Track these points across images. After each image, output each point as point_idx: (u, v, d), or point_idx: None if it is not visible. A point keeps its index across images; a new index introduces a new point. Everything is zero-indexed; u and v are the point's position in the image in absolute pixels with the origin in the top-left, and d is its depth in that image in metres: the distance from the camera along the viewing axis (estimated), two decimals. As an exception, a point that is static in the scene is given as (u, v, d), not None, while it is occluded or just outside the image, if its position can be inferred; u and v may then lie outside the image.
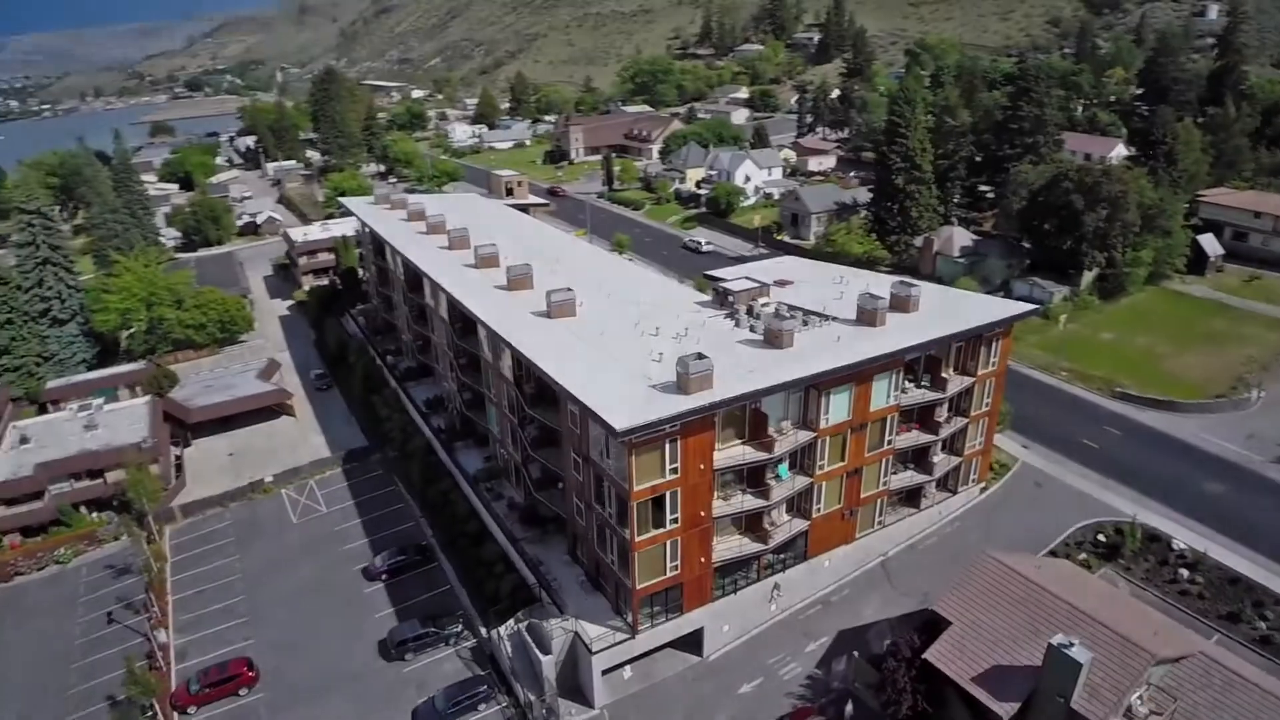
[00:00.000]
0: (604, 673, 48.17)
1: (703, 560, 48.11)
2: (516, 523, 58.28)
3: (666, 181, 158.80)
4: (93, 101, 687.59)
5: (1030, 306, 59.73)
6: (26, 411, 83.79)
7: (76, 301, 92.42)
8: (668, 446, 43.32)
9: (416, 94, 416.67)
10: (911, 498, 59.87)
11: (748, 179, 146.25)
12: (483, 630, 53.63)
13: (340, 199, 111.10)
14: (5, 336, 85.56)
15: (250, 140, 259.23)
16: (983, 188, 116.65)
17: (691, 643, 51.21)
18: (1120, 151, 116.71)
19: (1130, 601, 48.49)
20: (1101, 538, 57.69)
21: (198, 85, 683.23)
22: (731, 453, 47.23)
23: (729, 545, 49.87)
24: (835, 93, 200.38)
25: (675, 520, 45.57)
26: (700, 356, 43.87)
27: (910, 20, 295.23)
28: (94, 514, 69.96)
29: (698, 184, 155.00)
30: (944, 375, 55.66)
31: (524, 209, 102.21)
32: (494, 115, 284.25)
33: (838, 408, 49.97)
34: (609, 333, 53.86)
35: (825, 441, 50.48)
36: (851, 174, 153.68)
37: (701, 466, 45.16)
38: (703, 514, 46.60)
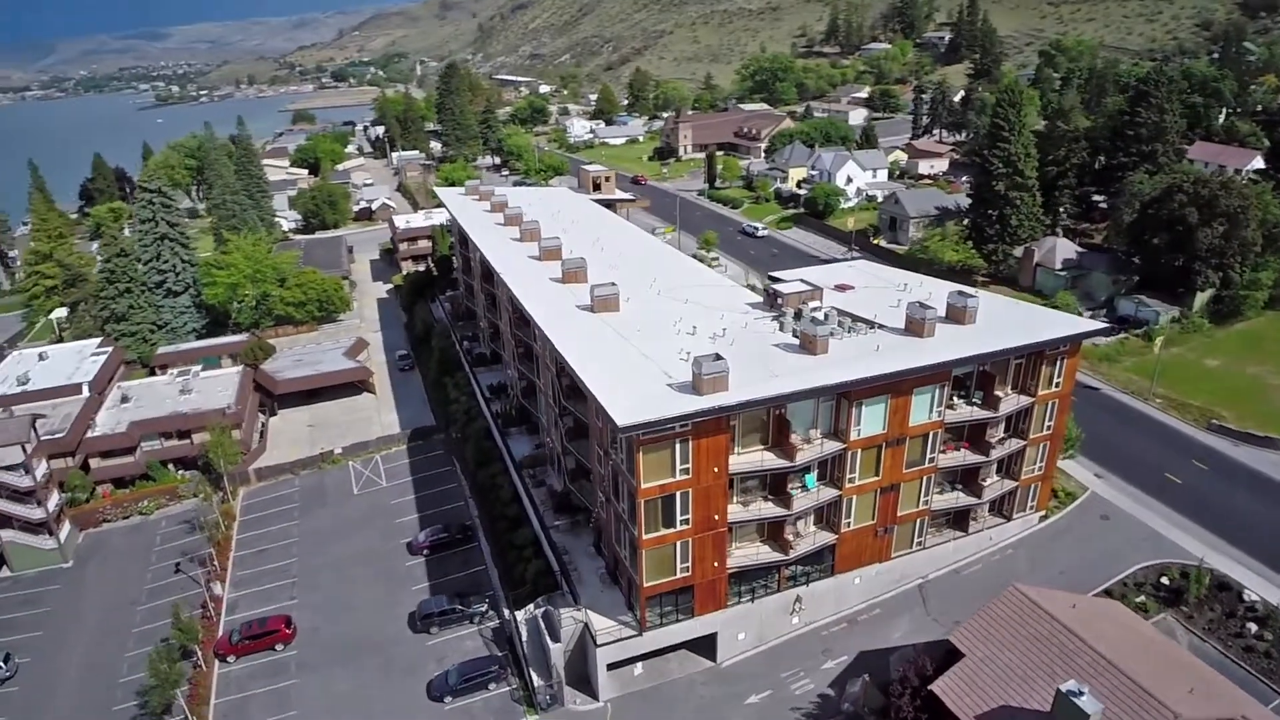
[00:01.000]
0: (610, 666, 48.25)
1: (716, 564, 47.30)
2: (550, 510, 59.10)
3: (767, 181, 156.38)
4: (246, 89, 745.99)
5: (1098, 325, 55.46)
6: (138, 373, 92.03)
7: (190, 275, 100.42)
8: (678, 446, 42.81)
9: (544, 89, 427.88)
10: (959, 520, 56.66)
11: (849, 180, 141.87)
12: (505, 612, 54.80)
13: (437, 188, 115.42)
14: (124, 304, 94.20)
15: (380, 130, 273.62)
16: (1096, 197, 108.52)
17: (706, 647, 50.53)
18: (1257, 164, 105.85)
19: (1178, 653, 44.04)
20: (1165, 580, 52.88)
21: (343, 76, 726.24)
22: (750, 458, 46.21)
23: (747, 552, 48.83)
24: (960, 94, 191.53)
25: (686, 521, 45.00)
26: (717, 358, 43.12)
27: (1049, 20, 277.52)
28: (180, 471, 75.94)
29: (798, 184, 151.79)
30: (997, 393, 52.28)
31: (610, 204, 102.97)
32: (613, 111, 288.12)
33: (871, 420, 47.89)
34: (646, 329, 53.64)
35: (857, 454, 48.48)
36: (964, 179, 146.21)
37: (716, 469, 44.37)
38: (716, 517, 45.79)
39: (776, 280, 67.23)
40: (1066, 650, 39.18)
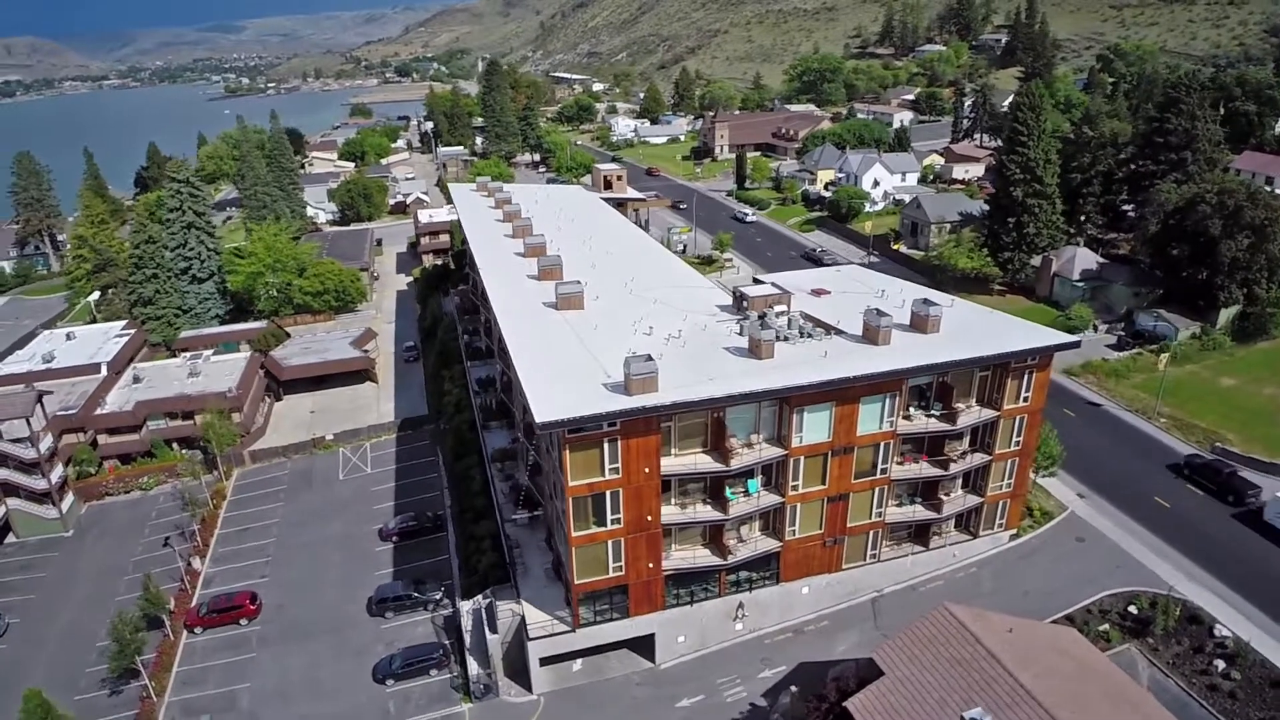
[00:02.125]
0: (545, 661, 48.71)
1: (651, 565, 47.29)
2: (511, 504, 59.73)
3: (794, 182, 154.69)
4: (312, 82, 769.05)
5: (1071, 338, 53.14)
6: (160, 355, 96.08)
7: (215, 263, 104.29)
8: (606, 446, 42.96)
9: (597, 87, 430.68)
10: (920, 534, 55.42)
11: (876, 183, 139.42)
12: (457, 601, 55.72)
13: (451, 184, 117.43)
14: (151, 289, 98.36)
15: (430, 125, 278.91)
16: (1126, 206, 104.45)
17: (646, 648, 50.57)
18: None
19: (1126, 688, 42.18)
20: (1133, 609, 50.71)
21: (406, 71, 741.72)
22: (685, 460, 46.05)
23: (684, 555, 48.68)
24: (1010, 99, 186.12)
25: (618, 521, 45.12)
26: (648, 359, 43.13)
27: (1110, 24, 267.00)
28: (183, 451, 79.06)
29: (826, 186, 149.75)
30: (957, 406, 50.97)
31: (621, 203, 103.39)
32: (658, 110, 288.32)
33: (814, 427, 47.23)
34: (605, 329, 53.82)
35: (799, 461, 47.85)
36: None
37: (647, 470, 44.36)
38: (649, 518, 45.77)
39: (760, 283, 66.92)
40: (987, 676, 38.03)
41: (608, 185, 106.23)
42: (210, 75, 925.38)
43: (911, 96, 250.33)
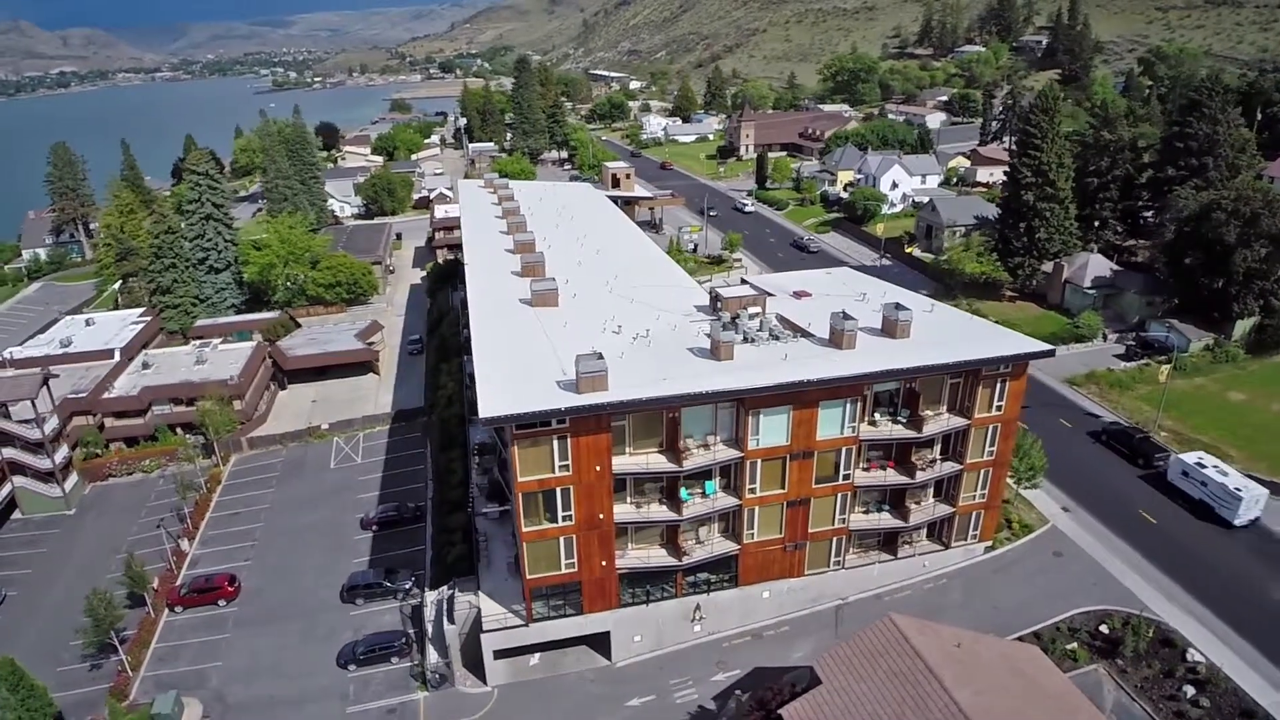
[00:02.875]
0: (501, 654, 49.22)
1: (604, 563, 47.49)
2: (483, 497, 60.36)
3: (813, 183, 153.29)
4: (358, 77, 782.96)
5: (1045, 347, 51.83)
6: (178, 343, 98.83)
7: (232, 254, 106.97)
8: (556, 443, 43.26)
9: (634, 85, 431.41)
10: (889, 543, 54.71)
11: (894, 185, 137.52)
12: (425, 591, 56.55)
13: (462, 181, 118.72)
14: (169, 278, 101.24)
15: (463, 121, 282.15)
16: (1146, 213, 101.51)
17: (604, 645, 50.77)
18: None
19: (1076, 711, 41.10)
20: (1105, 629, 49.48)
21: (449, 67, 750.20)
22: (638, 460, 46.13)
23: (640, 554, 48.77)
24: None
25: (569, 518, 45.39)
26: (599, 357, 43.30)
27: (1154, 26, 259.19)
28: (187, 436, 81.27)
29: (845, 187, 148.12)
30: (924, 413, 50.21)
31: (627, 201, 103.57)
32: (690, 109, 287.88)
33: (771, 430, 46.90)
34: (574, 327, 54.11)
35: (757, 464, 47.58)
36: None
37: (598, 468, 44.55)
38: (601, 516, 45.97)
39: (746, 284, 66.69)
40: (922, 692, 37.44)
41: (615, 183, 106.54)
42: (259, 69, 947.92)
43: (945, 98, 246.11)
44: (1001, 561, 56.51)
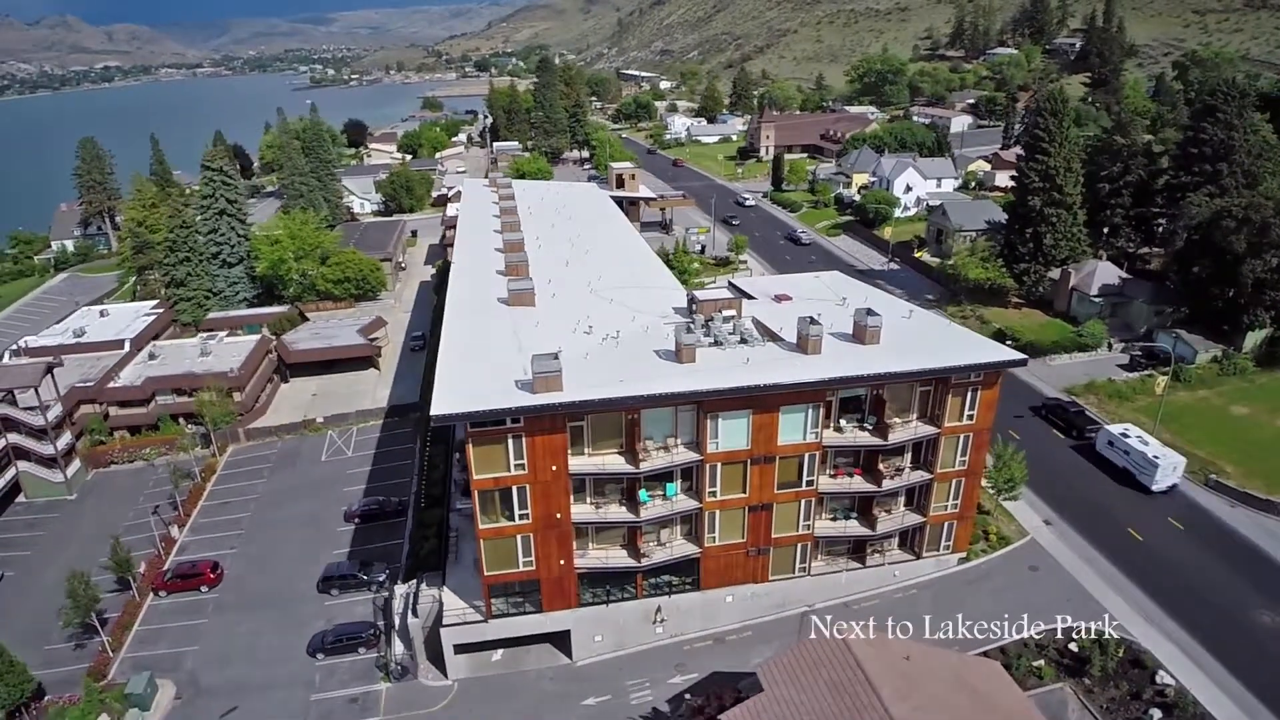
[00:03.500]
0: (462, 648, 49.83)
1: (563, 562, 47.82)
2: (460, 493, 60.98)
3: (827, 186, 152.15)
4: (394, 74, 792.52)
5: (1018, 357, 50.94)
6: (189, 334, 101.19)
7: (245, 249, 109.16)
8: (510, 442, 43.68)
9: (664, 85, 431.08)
10: (858, 551, 54.28)
11: (908, 189, 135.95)
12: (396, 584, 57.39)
13: (467, 180, 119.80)
14: (183, 271, 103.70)
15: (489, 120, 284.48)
16: (1160, 220, 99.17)
17: (566, 644, 51.11)
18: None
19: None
20: (1074, 647, 48.45)
21: (485, 66, 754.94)
22: (595, 460, 46.35)
23: (600, 554, 49.00)
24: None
25: (526, 516, 45.80)
26: (554, 358, 43.62)
27: (1191, 30, 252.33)
28: (189, 426, 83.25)
29: (859, 190, 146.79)
30: (892, 421, 49.75)
31: (631, 201, 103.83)
32: (716, 109, 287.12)
33: (731, 434, 46.85)
34: (546, 327, 54.53)
35: (717, 468, 47.55)
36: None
37: (554, 467, 44.90)
38: (559, 515, 46.32)
39: (732, 286, 66.65)
40: (858, 704, 37.05)
41: (620, 183, 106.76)
42: (299, 66, 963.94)
43: (972, 100, 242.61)
44: (975, 574, 55.78)
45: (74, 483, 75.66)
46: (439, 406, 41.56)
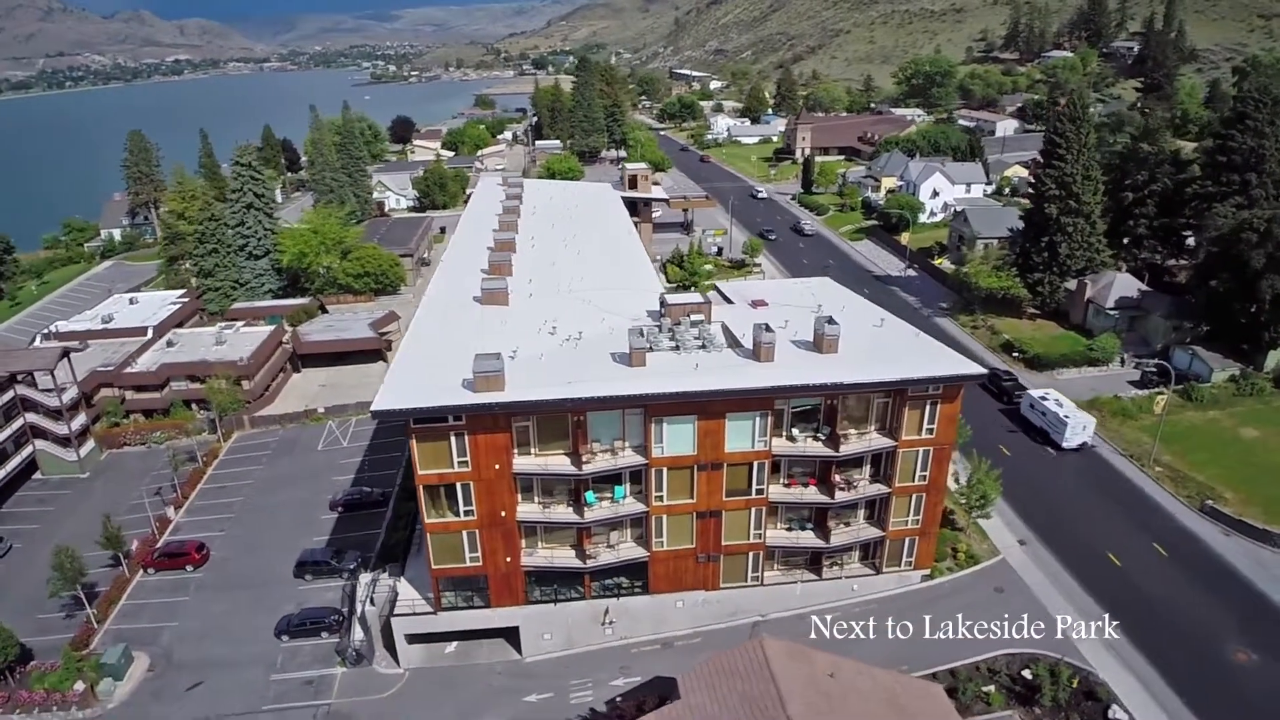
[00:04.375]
0: (415, 639, 50.99)
1: (509, 560, 48.58)
2: (433, 488, 62.32)
3: (855, 189, 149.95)
4: (453, 71, 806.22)
5: (979, 371, 49.77)
6: (213, 323, 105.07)
7: (271, 241, 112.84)
8: (454, 439, 44.57)
9: (715, 84, 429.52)
10: (815, 562, 53.76)
11: (935, 193, 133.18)
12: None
13: (483, 178, 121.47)
14: (211, 262, 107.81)
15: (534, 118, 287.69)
16: (1185, 231, 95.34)
17: (517, 641, 51.88)
18: None
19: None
20: (1027, 674, 47.14)
21: (542, 64, 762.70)
22: (539, 460, 46.93)
23: (547, 554, 49.59)
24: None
25: (470, 513, 46.68)
26: (496, 358, 44.34)
27: (1256, 34, 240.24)
28: (199, 411, 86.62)
29: (886, 194, 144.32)
30: (847, 431, 49.17)
31: (637, 201, 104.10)
32: (760, 109, 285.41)
33: (676, 439, 46.96)
34: (512, 325, 55.32)
35: (662, 472, 47.70)
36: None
37: (497, 466, 45.66)
38: (504, 513, 47.07)
39: (717, 290, 66.63)
40: (765, 718, 36.95)
41: (633, 184, 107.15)
42: (362, 62, 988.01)
43: (1020, 104, 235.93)
44: (937, 592, 54.67)
45: (87, 462, 79.40)
46: (382, 401, 42.70)
